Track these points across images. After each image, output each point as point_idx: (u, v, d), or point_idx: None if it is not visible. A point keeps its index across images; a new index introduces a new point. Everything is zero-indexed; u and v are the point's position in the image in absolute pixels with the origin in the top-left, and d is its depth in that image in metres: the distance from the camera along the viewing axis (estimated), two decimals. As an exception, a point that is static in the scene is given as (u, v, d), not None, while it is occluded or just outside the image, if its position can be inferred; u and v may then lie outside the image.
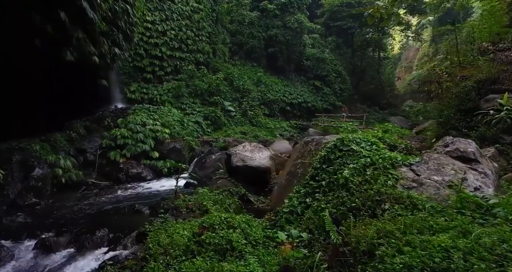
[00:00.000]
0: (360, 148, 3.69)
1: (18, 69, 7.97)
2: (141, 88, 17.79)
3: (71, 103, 11.49)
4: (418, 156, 3.39)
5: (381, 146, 3.72)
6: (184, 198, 6.58)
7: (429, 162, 3.08)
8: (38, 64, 8.07)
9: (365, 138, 3.92)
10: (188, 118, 16.57)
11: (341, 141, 3.99)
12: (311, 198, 3.77)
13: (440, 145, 3.55)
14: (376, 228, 2.33)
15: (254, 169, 7.35)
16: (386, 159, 3.29)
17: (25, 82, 8.44)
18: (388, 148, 4.31)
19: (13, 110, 8.84)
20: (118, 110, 15.44)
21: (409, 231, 2.18)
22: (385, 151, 3.53)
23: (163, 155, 11.89)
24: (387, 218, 2.50)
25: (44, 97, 9.52)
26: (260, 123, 19.97)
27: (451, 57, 9.13)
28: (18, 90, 8.54)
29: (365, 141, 3.86)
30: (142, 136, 11.60)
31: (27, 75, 8.33)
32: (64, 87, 10.15)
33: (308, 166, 4.31)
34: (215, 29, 23.25)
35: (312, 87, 28.02)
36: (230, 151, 7.95)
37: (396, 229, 2.22)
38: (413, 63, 63.72)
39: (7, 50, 7.24)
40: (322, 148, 4.31)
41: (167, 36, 18.80)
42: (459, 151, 3.29)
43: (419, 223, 2.23)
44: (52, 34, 7.11)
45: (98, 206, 7.62)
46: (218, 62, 23.17)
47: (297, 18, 25.73)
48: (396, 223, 2.31)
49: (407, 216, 2.36)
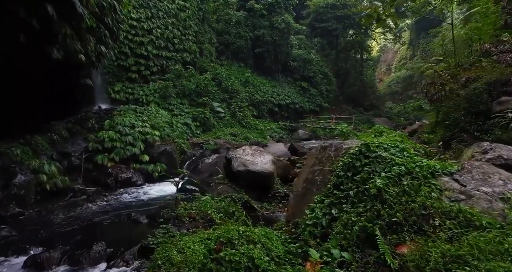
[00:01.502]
0: (390, 155, 3.50)
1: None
2: (126, 88, 17.08)
3: (52, 102, 10.82)
4: (456, 164, 3.26)
5: (412, 152, 3.55)
6: (185, 206, 6.22)
7: (472, 171, 2.93)
8: (23, 61, 7.44)
9: (393, 143, 3.75)
10: (177, 120, 16.05)
11: (367, 146, 3.79)
12: (338, 209, 3.55)
13: (477, 152, 3.44)
14: (440, 251, 2.12)
15: (256, 174, 7.09)
16: (424, 167, 3.10)
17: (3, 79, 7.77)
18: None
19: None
20: (102, 111, 14.73)
21: (484, 256, 1.98)
22: (419, 158, 3.36)
23: (153, 158, 11.38)
24: (444, 237, 2.30)
25: (26, 96, 8.83)
26: (250, 125, 19.70)
27: (449, 59, 9.22)
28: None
29: (393, 147, 3.68)
30: (131, 139, 11.05)
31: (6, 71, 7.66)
32: (46, 85, 9.49)
33: (328, 174, 4.10)
34: (201, 28, 22.77)
35: (299, 88, 28.06)
36: (230, 155, 7.65)
37: (468, 253, 2.02)
38: (392, 65, 65.64)
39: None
40: (343, 154, 4.10)
41: (153, 35, 18.17)
42: (502, 158, 3.18)
43: (490, 245, 2.05)
44: (37, 29, 6.54)
45: (89, 215, 7.10)
46: (205, 62, 22.70)
47: (284, 18, 25.67)
48: (461, 245, 2.11)
49: (472, 236, 2.17)
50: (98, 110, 14.84)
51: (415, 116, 38.19)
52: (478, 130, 5.37)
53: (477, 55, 7.84)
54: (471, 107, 5.72)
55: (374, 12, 7.33)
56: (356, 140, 4.31)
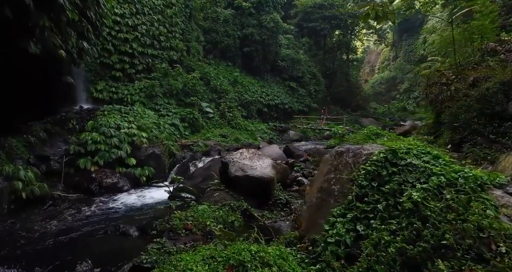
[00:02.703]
0: (423, 163, 3.12)
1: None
2: (110, 87, 16.21)
3: (29, 101, 10.00)
4: (502, 174, 2.92)
5: (447, 159, 3.18)
6: (180, 216, 5.68)
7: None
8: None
9: (424, 149, 3.37)
10: (164, 120, 15.35)
11: (393, 152, 3.39)
12: (364, 225, 3.13)
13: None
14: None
15: (256, 179, 6.62)
16: (469, 178, 2.72)
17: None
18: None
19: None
20: (84, 111, 13.88)
21: None
22: (459, 167, 2.97)
23: (140, 161, 10.70)
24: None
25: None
26: (240, 125, 19.18)
27: (448, 59, 9.05)
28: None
29: (424, 153, 3.30)
30: (116, 141, 10.32)
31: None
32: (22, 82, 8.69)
33: (348, 183, 3.68)
34: (188, 26, 22.08)
35: (287, 88, 27.77)
36: (226, 159, 7.14)
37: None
38: (375, 66, 66.72)
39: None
40: (363, 161, 3.70)
41: (138, 31, 17.36)
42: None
43: None
44: (12, 20, 5.83)
45: (71, 226, 6.41)
46: (192, 60, 22.02)
47: (273, 17, 25.29)
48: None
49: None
50: (79, 110, 13.99)
51: (400, 117, 38.80)
52: (494, 133, 5.13)
53: (479, 54, 7.68)
54: (484, 108, 5.48)
55: (372, 10, 7.02)
56: (376, 145, 3.92)
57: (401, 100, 48.53)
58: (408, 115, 40.20)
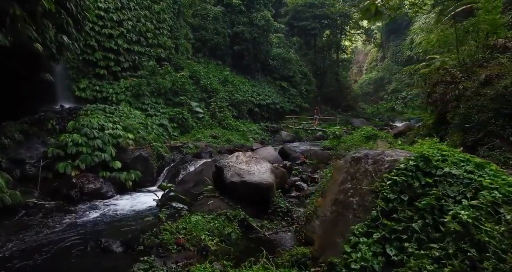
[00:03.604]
0: (465, 173, 2.63)
1: None
2: (93, 85, 15.31)
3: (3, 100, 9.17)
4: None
5: (495, 169, 2.70)
6: (171, 228, 5.06)
7: None
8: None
9: (462, 156, 2.89)
10: (152, 120, 14.58)
11: (426, 160, 2.89)
12: (395, 248, 2.61)
13: None
14: None
15: (254, 186, 6.06)
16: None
17: None
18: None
19: None
20: (65, 110, 12.96)
21: None
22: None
23: (126, 165, 9.97)
24: None
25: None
26: (231, 126, 18.54)
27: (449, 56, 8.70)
28: None
29: (464, 161, 2.81)
30: (100, 143, 9.56)
31: None
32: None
33: (369, 195, 3.16)
34: (177, 23, 21.30)
35: (278, 88, 27.29)
36: (221, 163, 6.54)
37: None
38: (363, 67, 67.19)
39: None
40: (387, 169, 3.19)
41: (124, 27, 16.48)
42: None
43: None
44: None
45: (45, 240, 5.68)
46: (180, 58, 21.23)
47: (264, 15, 24.76)
48: None
49: None
50: (60, 109, 13.06)
51: (388, 117, 38.95)
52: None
53: (489, 51, 7.33)
54: (502, 107, 5.10)
55: (372, 5, 6.56)
56: (400, 150, 3.41)
57: (390, 101, 48.87)
58: (396, 116, 40.43)
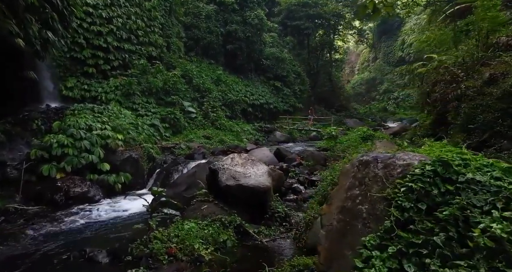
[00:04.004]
0: (493, 180, 2.37)
1: None
2: (81, 84, 14.77)
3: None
4: None
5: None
6: (162, 237, 4.71)
7: None
8: None
9: (486, 161, 2.64)
10: (143, 121, 14.14)
11: (445, 164, 2.61)
12: (415, 265, 2.32)
13: None
14: None
15: (250, 189, 5.74)
16: None
17: None
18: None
19: None
20: (51, 110, 12.41)
21: None
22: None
23: (115, 167, 9.55)
24: None
25: None
26: (224, 126, 18.16)
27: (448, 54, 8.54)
28: None
29: (487, 166, 2.56)
30: (87, 144, 9.12)
31: None
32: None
33: (380, 202, 2.88)
34: (168, 21, 20.84)
35: (272, 87, 27.02)
36: (215, 166, 6.21)
37: None
38: (355, 67, 67.55)
39: None
40: (399, 174, 2.91)
41: (113, 24, 15.96)
42: None
43: None
44: None
45: (25, 249, 5.26)
46: (172, 57, 20.78)
47: (257, 13, 24.47)
48: None
49: None
50: (46, 109, 12.50)
51: (381, 117, 39.11)
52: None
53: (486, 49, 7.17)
54: (510, 107, 4.91)
55: (370, 2, 6.34)
56: (413, 153, 3.14)
57: (382, 101, 49.20)
58: (388, 116, 40.66)
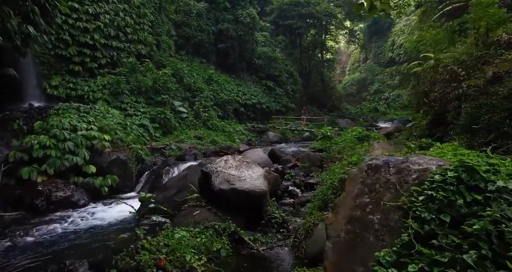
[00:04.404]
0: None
1: None
2: (67, 82, 14.17)
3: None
4: None
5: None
6: (150, 246, 4.32)
7: None
8: None
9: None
10: (131, 120, 13.64)
11: (470, 170, 2.33)
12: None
13: None
14: None
15: (245, 194, 5.40)
16: None
17: None
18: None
19: None
20: (34, 109, 11.84)
21: None
22: None
23: (102, 169, 9.08)
24: None
25: None
26: (216, 126, 17.75)
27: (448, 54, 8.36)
28: None
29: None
30: (71, 145, 8.62)
31: None
32: None
33: (394, 212, 2.58)
34: (158, 18, 20.31)
35: (264, 87, 26.71)
36: (208, 169, 5.84)
37: None
38: (346, 67, 67.89)
39: None
40: (415, 180, 2.62)
41: (101, 21, 15.39)
42: None
43: None
44: None
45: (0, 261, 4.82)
46: (163, 56, 20.26)
47: (249, 12, 24.13)
48: None
49: None
50: (28, 108, 11.91)
51: (372, 117, 39.30)
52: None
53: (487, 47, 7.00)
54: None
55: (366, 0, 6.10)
56: (429, 157, 2.85)
57: (372, 101, 49.56)
58: (379, 116, 40.93)
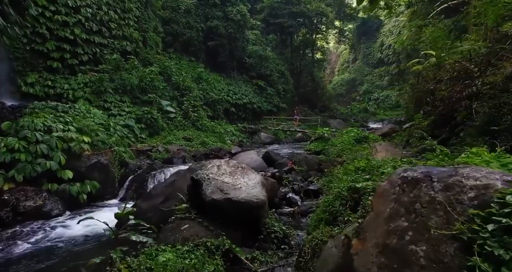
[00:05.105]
0: None
1: None
2: (45, 79, 13.16)
3: None
4: None
5: None
6: (128, 270, 3.61)
7: None
8: None
9: None
10: (115, 121, 12.74)
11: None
12: None
13: None
14: None
15: (241, 205, 4.71)
16: None
17: None
18: None
19: None
20: (7, 109, 10.77)
21: None
22: None
23: (80, 174, 8.24)
24: None
25: None
26: (206, 127, 16.96)
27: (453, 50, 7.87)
28: None
29: None
30: (45, 148, 7.75)
31: None
32: None
33: (448, 243, 1.97)
34: (144, 14, 19.42)
35: (255, 87, 26.03)
36: (198, 176, 5.13)
37: None
38: (335, 68, 67.95)
39: None
40: (473, 199, 2.01)
41: (81, 14, 14.39)
42: None
43: None
44: None
45: None
46: (149, 53, 19.38)
47: (240, 9, 23.44)
48: None
49: None
50: (0, 107, 10.92)
51: (362, 118, 39.22)
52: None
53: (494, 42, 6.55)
54: (550, 106, 4.23)
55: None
56: (486, 169, 2.25)
57: (362, 102, 49.69)
58: (369, 116, 40.95)
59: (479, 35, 7.57)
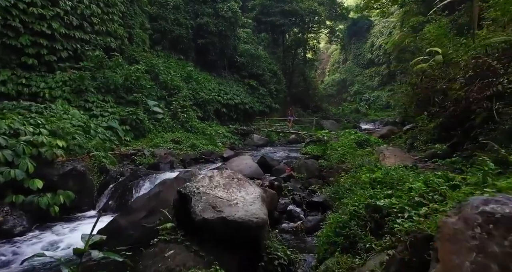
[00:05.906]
0: None
1: None
2: (18, 77, 12.04)
3: None
4: None
5: None
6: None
7: None
8: None
9: None
10: (97, 122, 11.74)
11: None
12: None
13: None
14: None
15: (237, 225, 3.90)
16: None
17: None
18: None
19: None
20: (-28, 109, 9.77)
21: None
22: None
23: (52, 183, 7.28)
24: None
25: None
26: (196, 128, 16.03)
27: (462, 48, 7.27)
28: None
29: None
30: (9, 155, 6.77)
31: None
32: None
33: None
34: (130, 9, 18.39)
35: (247, 86, 25.20)
36: (187, 189, 4.30)
37: None
38: (326, 68, 67.78)
39: None
40: None
41: (60, 7, 13.27)
42: None
43: None
44: None
45: None
46: (136, 50, 18.34)
47: (231, 6, 22.61)
48: None
49: None
50: (-35, 108, 9.83)
51: (354, 118, 38.91)
52: None
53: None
54: None
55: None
56: None
57: (353, 102, 49.57)
58: (361, 117, 40.68)
59: (489, 31, 6.99)
